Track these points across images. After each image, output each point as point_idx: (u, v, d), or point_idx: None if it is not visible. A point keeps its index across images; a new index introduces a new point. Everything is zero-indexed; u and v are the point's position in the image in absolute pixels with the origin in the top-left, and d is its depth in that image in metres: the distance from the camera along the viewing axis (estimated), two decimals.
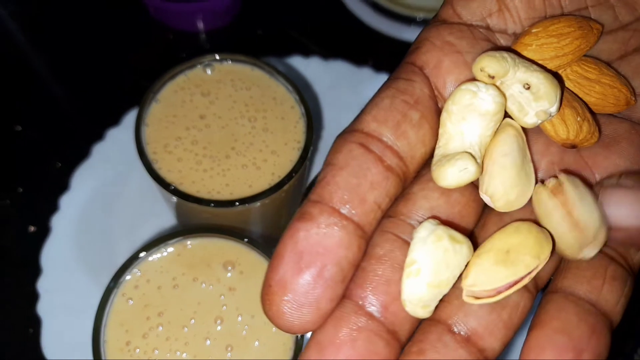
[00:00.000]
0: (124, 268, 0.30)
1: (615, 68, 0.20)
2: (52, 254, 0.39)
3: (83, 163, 0.41)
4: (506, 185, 0.18)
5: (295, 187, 0.36)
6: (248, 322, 0.29)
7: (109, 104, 0.45)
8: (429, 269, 0.17)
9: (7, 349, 0.38)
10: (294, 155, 0.35)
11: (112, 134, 0.42)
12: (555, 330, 0.17)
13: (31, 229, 0.41)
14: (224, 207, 0.33)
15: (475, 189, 0.18)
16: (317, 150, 0.42)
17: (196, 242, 0.31)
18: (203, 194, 0.33)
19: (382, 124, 0.18)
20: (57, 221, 0.39)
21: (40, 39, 0.50)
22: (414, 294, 0.16)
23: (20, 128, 0.46)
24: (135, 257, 0.30)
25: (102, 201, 0.41)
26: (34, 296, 0.37)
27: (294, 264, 0.16)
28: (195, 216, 0.35)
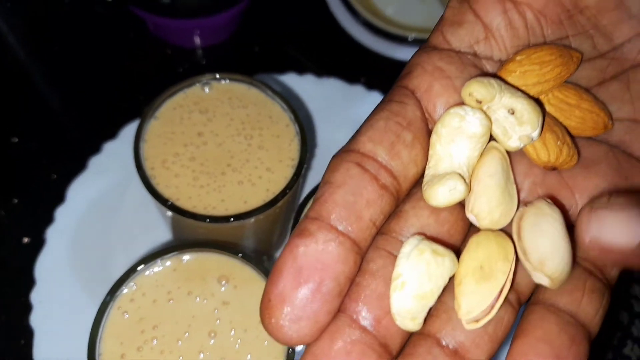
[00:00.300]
0: (121, 281, 0.30)
1: (593, 94, 0.21)
2: (46, 265, 0.39)
3: (79, 175, 0.41)
4: (491, 204, 0.19)
5: (289, 204, 0.37)
6: (241, 335, 0.30)
7: (106, 117, 0.45)
8: (413, 281, 0.17)
9: None
10: (288, 172, 0.35)
11: (109, 147, 0.42)
12: (537, 339, 0.18)
13: (25, 240, 0.41)
14: (220, 222, 0.33)
15: (463, 209, 0.19)
16: (309, 168, 0.43)
17: (192, 256, 0.31)
18: (199, 210, 0.34)
19: (378, 145, 0.18)
20: (52, 233, 0.39)
21: (39, 52, 0.51)
22: (402, 307, 0.17)
23: (16, 139, 0.46)
24: (132, 271, 0.30)
25: (97, 214, 0.41)
26: (27, 307, 0.37)
27: (293, 278, 0.17)
28: (191, 231, 0.36)
